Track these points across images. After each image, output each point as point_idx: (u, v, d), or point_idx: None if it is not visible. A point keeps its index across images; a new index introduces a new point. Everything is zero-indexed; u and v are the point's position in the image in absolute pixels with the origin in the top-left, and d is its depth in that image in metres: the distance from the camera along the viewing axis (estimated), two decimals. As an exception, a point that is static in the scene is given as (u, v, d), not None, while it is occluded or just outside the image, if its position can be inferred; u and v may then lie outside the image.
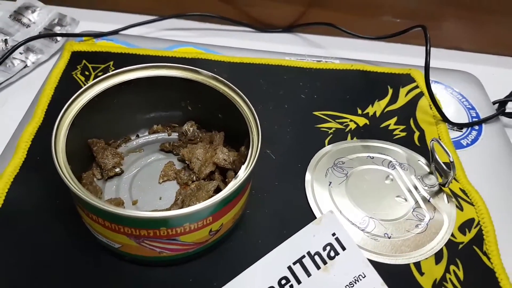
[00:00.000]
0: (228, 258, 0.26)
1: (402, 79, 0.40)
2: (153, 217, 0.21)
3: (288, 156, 0.32)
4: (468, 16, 0.47)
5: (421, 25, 0.37)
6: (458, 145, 0.35)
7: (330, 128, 0.35)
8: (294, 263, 0.25)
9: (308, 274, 0.25)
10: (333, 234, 0.26)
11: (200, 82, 0.28)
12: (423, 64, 0.37)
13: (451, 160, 0.28)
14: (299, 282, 0.25)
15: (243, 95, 0.27)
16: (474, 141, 0.36)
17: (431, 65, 0.43)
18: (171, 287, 0.25)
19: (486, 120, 0.38)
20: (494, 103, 0.41)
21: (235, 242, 0.27)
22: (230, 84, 0.28)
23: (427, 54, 0.35)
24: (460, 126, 0.37)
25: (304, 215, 0.28)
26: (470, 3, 0.45)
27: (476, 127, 0.37)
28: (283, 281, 0.24)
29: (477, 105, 0.40)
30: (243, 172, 0.23)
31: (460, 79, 0.42)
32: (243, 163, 0.24)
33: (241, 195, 0.24)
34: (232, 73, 0.39)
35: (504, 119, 0.41)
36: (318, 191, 0.30)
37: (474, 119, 0.38)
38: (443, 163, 0.30)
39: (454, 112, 0.39)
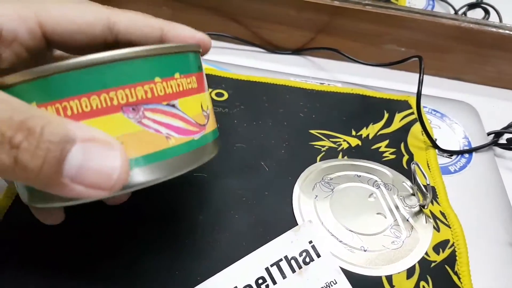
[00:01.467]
0: (213, 256, 0.29)
1: (399, 105, 0.42)
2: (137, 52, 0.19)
3: (280, 169, 0.35)
4: (472, 50, 0.49)
5: (418, 56, 0.40)
6: (445, 170, 0.37)
7: (324, 146, 0.37)
8: (272, 265, 0.27)
9: (284, 276, 0.27)
10: (310, 242, 0.28)
11: None
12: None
13: (428, 183, 0.31)
14: (274, 282, 0.27)
15: None
16: (462, 168, 0.38)
17: (431, 94, 0.46)
18: (157, 277, 0.28)
19: (476, 149, 0.39)
20: (490, 133, 0.43)
21: (221, 242, 0.29)
22: None
23: (420, 83, 0.37)
24: (449, 153, 0.39)
25: (287, 224, 0.31)
26: (474, 39, 0.48)
27: (466, 155, 0.39)
28: (260, 281, 0.27)
29: (471, 134, 0.42)
30: None
31: (457, 108, 0.44)
32: None
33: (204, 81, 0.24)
34: (238, 89, 0.42)
35: (497, 149, 0.42)
36: (304, 202, 0.32)
37: (465, 148, 0.40)
38: (424, 185, 0.32)
39: (447, 139, 0.41)
